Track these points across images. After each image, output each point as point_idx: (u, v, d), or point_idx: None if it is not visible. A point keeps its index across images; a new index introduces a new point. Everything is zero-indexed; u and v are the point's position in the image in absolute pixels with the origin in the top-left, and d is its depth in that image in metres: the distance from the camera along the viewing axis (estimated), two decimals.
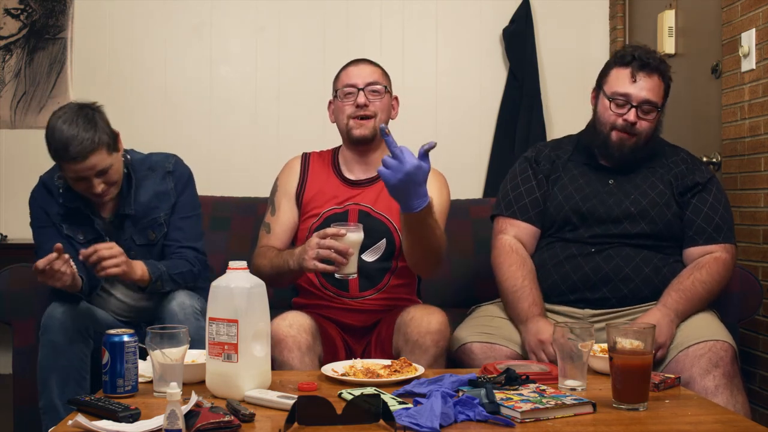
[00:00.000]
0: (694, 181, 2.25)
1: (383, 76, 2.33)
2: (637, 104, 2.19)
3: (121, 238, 2.22)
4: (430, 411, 1.45)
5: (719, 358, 1.96)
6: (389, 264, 2.28)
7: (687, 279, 2.14)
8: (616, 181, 2.27)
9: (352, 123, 2.27)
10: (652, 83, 2.19)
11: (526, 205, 2.30)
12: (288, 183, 2.37)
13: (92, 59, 4.07)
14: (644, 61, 2.19)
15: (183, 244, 2.27)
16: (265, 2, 4.11)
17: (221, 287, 1.67)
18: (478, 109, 4.14)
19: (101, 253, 2.00)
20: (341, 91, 2.29)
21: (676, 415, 1.57)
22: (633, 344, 1.62)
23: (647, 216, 2.21)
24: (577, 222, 2.24)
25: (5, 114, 4.04)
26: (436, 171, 2.38)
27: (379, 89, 2.28)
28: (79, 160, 2.04)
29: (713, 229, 2.20)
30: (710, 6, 3.11)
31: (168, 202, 2.28)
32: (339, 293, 2.26)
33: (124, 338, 1.71)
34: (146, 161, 2.31)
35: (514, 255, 2.24)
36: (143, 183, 2.27)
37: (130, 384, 1.71)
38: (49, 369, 2.03)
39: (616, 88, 2.21)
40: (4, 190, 4.06)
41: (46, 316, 2.06)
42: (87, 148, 2.04)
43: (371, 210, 2.28)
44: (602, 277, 2.18)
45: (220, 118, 4.05)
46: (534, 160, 2.36)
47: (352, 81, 2.28)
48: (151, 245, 2.26)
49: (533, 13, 4.09)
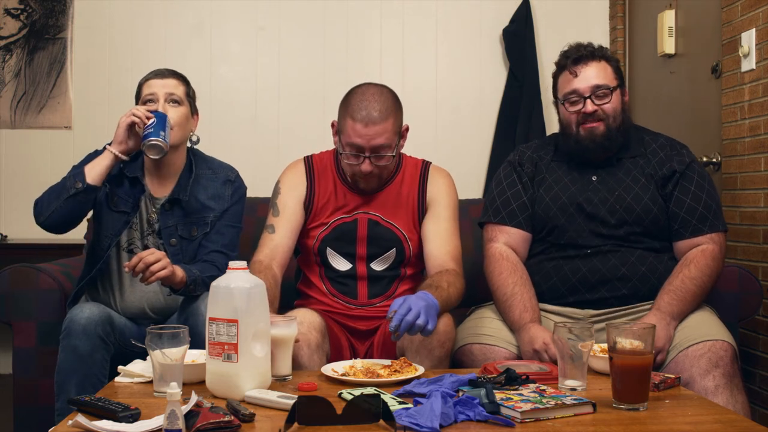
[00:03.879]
0: (671, 169, 2.23)
1: (392, 131, 2.16)
2: (588, 94, 2.20)
3: (168, 222, 2.26)
4: (430, 411, 1.45)
5: (719, 358, 1.96)
6: (398, 272, 2.27)
7: (677, 278, 2.13)
8: (600, 177, 2.26)
9: (357, 179, 2.22)
10: (593, 69, 2.21)
11: (514, 210, 2.29)
12: (294, 188, 2.30)
13: (92, 59, 4.07)
14: (576, 55, 2.23)
15: (218, 249, 2.28)
16: (265, 2, 4.11)
17: (221, 287, 1.67)
18: (478, 109, 4.14)
19: (147, 259, 2.01)
20: (346, 149, 2.16)
21: (676, 415, 1.57)
22: (633, 344, 1.62)
23: (633, 213, 2.20)
24: (566, 222, 2.23)
25: (5, 114, 4.05)
26: (443, 170, 2.37)
27: (385, 152, 2.16)
28: (160, 76, 2.29)
29: (698, 219, 2.19)
30: (710, 6, 3.11)
31: (221, 206, 2.32)
32: (348, 301, 2.24)
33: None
34: (209, 161, 2.38)
35: (505, 262, 2.24)
36: (202, 180, 2.32)
37: (166, 140, 2.13)
38: (69, 373, 2.02)
39: (565, 90, 2.24)
40: (4, 190, 4.06)
41: (69, 320, 2.05)
42: (173, 72, 2.33)
43: (380, 219, 2.26)
44: (600, 277, 2.18)
45: (220, 118, 4.05)
46: (517, 163, 2.35)
47: (358, 143, 2.13)
48: (190, 240, 2.28)
49: (533, 13, 4.09)
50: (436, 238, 2.24)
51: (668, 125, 3.42)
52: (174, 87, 2.28)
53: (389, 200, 2.27)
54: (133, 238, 2.28)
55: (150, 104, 2.24)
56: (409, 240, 2.26)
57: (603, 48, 2.28)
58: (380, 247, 2.24)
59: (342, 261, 2.25)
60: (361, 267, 2.25)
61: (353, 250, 2.25)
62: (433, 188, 2.30)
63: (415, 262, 2.30)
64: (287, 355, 1.82)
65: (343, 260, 2.25)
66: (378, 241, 2.25)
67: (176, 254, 2.24)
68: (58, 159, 4.03)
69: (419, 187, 2.30)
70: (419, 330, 1.87)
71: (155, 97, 2.25)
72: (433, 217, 2.27)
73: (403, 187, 2.29)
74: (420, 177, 2.31)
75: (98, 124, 4.02)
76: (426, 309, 1.87)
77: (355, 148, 2.14)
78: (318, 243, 2.26)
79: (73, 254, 3.07)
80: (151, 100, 2.25)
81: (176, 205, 2.28)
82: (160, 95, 2.25)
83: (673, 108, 3.46)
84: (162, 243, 2.26)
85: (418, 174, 2.32)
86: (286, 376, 1.81)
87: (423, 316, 1.86)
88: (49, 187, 2.21)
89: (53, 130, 4.07)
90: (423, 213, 2.28)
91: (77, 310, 2.07)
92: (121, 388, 1.76)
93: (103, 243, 2.26)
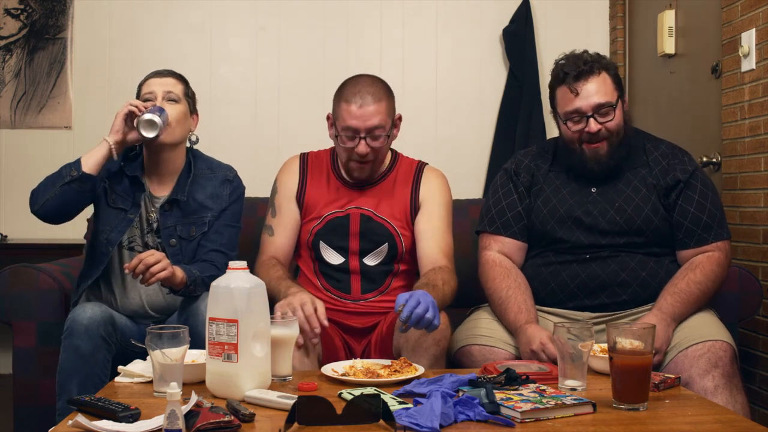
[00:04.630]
0: (675, 179, 2.20)
1: (386, 112, 2.21)
2: (590, 113, 2.15)
3: (167, 223, 2.26)
4: (430, 411, 1.45)
5: (718, 358, 1.96)
6: (391, 267, 2.29)
7: (681, 281, 2.12)
8: (599, 189, 2.23)
9: (353, 165, 2.24)
10: (594, 86, 2.15)
11: (509, 221, 2.27)
12: (288, 184, 2.36)
13: (92, 59, 4.07)
14: (575, 71, 2.15)
15: (217, 249, 2.29)
16: (265, 2, 4.11)
17: (221, 287, 1.67)
18: (478, 109, 4.14)
19: (147, 260, 2.01)
20: (342, 133, 2.21)
21: (676, 415, 1.57)
22: (633, 344, 1.62)
23: (633, 224, 2.18)
24: (564, 235, 2.21)
25: (5, 114, 4.05)
26: (438, 171, 2.38)
27: (380, 133, 2.20)
28: (158, 76, 2.32)
29: (702, 229, 2.17)
30: (710, 6, 3.11)
31: (219, 206, 2.32)
32: (341, 296, 2.26)
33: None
34: (207, 161, 2.39)
35: (498, 268, 2.23)
36: (200, 180, 2.33)
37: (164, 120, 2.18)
38: (71, 373, 2.02)
39: (565, 108, 2.18)
40: (4, 190, 4.06)
41: (71, 320, 2.05)
42: (171, 72, 2.36)
43: (373, 214, 2.28)
44: (599, 283, 2.16)
45: (220, 118, 4.05)
46: (513, 172, 2.32)
47: (354, 125, 2.18)
48: (189, 240, 2.28)
49: (533, 13, 4.09)
50: (428, 235, 2.26)
51: (668, 125, 3.42)
52: (172, 85, 2.30)
53: (382, 196, 2.29)
54: (134, 236, 2.28)
55: (148, 102, 2.25)
56: (402, 236, 2.27)
57: (601, 57, 2.21)
58: (373, 242, 2.26)
59: (335, 255, 2.27)
60: (354, 261, 2.26)
61: (346, 245, 2.26)
62: (426, 187, 2.32)
63: (408, 258, 2.30)
64: (287, 355, 1.82)
65: (336, 254, 2.27)
66: (370, 235, 2.26)
67: (176, 254, 2.24)
68: (58, 159, 3.98)
69: (413, 185, 2.32)
70: (426, 324, 1.88)
71: (153, 96, 2.27)
72: (426, 214, 2.28)
73: (396, 184, 2.32)
74: (414, 176, 2.34)
75: (98, 124, 4.00)
76: (433, 304, 1.90)
77: (351, 130, 2.18)
78: (311, 237, 2.28)
79: (73, 254, 3.07)
80: (150, 99, 2.27)
81: (175, 206, 2.28)
82: (158, 93, 2.27)
83: (673, 108, 3.46)
84: (160, 242, 2.27)
85: (412, 173, 2.34)
86: (286, 376, 1.81)
87: (431, 310, 1.88)
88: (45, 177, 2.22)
89: (53, 130, 4.07)
90: (415, 210, 2.30)
91: (79, 310, 2.07)
92: (121, 388, 1.76)
93: (101, 239, 2.26)
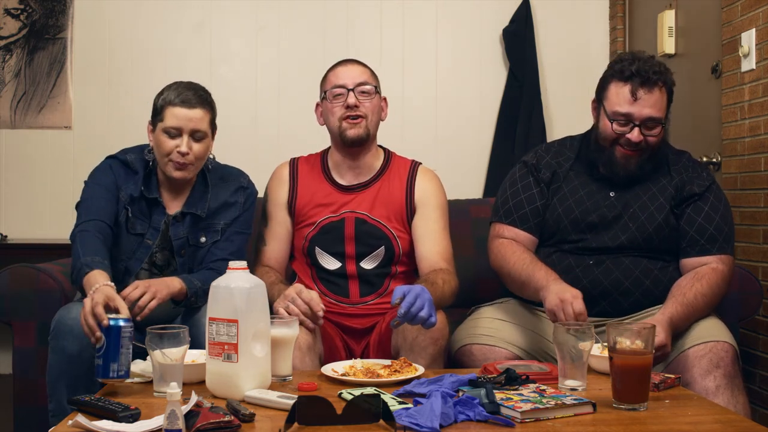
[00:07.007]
0: (691, 192, 2.19)
1: (372, 76, 2.30)
2: (639, 123, 2.12)
3: (179, 234, 2.21)
4: (430, 411, 1.45)
5: (720, 358, 1.96)
6: (388, 269, 2.27)
7: (689, 291, 2.07)
8: (618, 193, 2.22)
9: (345, 124, 2.24)
10: (654, 98, 2.10)
11: (527, 214, 2.25)
12: (278, 192, 2.35)
13: (92, 59, 4.07)
14: (644, 76, 2.09)
15: (226, 257, 2.18)
16: (265, 2, 4.11)
17: (221, 287, 1.67)
18: (478, 109, 4.14)
19: (130, 297, 1.94)
20: (330, 93, 2.25)
21: (676, 415, 1.57)
22: (633, 344, 1.62)
23: (645, 232, 2.17)
24: (574, 235, 2.21)
25: (5, 114, 4.04)
26: (431, 171, 2.37)
27: (369, 90, 2.25)
28: (187, 105, 2.13)
29: (706, 239, 2.15)
30: (710, 6, 3.11)
31: (233, 214, 2.28)
32: (339, 300, 2.25)
33: (120, 323, 1.72)
34: (219, 170, 2.33)
35: (515, 245, 2.22)
36: (213, 190, 2.27)
37: (123, 369, 1.71)
38: (59, 374, 2.01)
39: (617, 108, 2.12)
40: (4, 190, 4.06)
41: (57, 321, 2.02)
42: (200, 99, 2.17)
43: (368, 217, 2.27)
44: (602, 291, 2.15)
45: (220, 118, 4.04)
46: (534, 167, 2.29)
47: (341, 81, 2.24)
48: (198, 248, 2.24)
49: (533, 14, 4.09)
50: (426, 239, 2.25)
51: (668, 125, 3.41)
52: (200, 121, 2.14)
53: (376, 198, 2.28)
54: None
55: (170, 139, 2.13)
56: (398, 238, 2.26)
57: (668, 71, 2.14)
58: (368, 245, 2.25)
59: (331, 260, 2.26)
60: (351, 266, 2.25)
61: (341, 249, 2.25)
62: (421, 189, 2.31)
63: (406, 260, 2.30)
64: (287, 355, 1.82)
65: (332, 259, 2.26)
66: (366, 239, 2.25)
67: (185, 263, 2.22)
68: (58, 159, 4.03)
69: (407, 186, 2.31)
70: (422, 321, 1.88)
71: (180, 132, 2.12)
72: (423, 218, 2.28)
73: (390, 185, 2.31)
74: (408, 176, 2.33)
75: (98, 124, 4.03)
76: (430, 302, 1.90)
77: (339, 87, 2.24)
78: (306, 243, 2.27)
79: None
80: (175, 135, 2.13)
81: (187, 217, 2.24)
82: (185, 130, 2.12)
83: (673, 108, 3.45)
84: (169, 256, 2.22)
85: (406, 173, 2.33)
86: (286, 376, 1.81)
87: (427, 308, 1.88)
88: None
89: (53, 130, 4.06)
90: (411, 212, 2.29)
91: (65, 311, 2.04)
92: (121, 388, 1.76)
93: (119, 266, 2.18)
